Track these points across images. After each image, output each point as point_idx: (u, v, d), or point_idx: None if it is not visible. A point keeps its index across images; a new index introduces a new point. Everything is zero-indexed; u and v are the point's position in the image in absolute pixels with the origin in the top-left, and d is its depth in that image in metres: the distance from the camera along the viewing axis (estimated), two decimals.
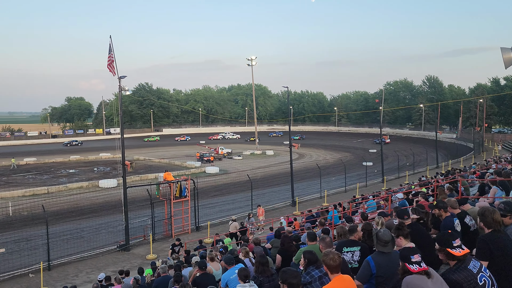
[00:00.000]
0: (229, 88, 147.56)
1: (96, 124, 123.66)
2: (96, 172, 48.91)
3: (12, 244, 21.22)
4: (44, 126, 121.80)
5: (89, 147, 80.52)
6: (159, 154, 64.07)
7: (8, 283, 16.26)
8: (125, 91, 20.21)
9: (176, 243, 16.99)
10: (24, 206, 30.48)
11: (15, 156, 62.40)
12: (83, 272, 17.19)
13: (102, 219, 26.24)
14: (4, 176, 45.54)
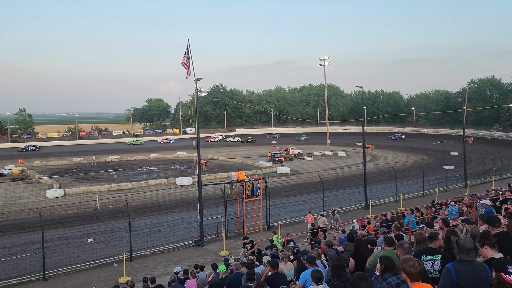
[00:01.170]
0: (301, 88, 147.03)
1: (173, 124, 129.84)
2: (173, 170, 51.30)
3: (99, 235, 23.01)
4: (127, 126, 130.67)
5: (167, 146, 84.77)
6: (232, 154, 65.63)
7: (95, 270, 17.66)
8: (201, 93, 20.96)
9: (246, 242, 17.22)
10: (109, 200, 32.94)
11: (103, 153, 67.68)
12: (161, 264, 18.13)
13: (179, 215, 27.47)
14: (93, 172, 49.50)
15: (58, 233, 23.17)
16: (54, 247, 20.47)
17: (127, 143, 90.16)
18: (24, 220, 26.93)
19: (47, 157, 64.22)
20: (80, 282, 16.18)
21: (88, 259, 18.56)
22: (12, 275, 16.84)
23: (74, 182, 42.61)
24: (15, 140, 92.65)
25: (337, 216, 21.53)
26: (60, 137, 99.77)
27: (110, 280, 16.19)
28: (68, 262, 18.28)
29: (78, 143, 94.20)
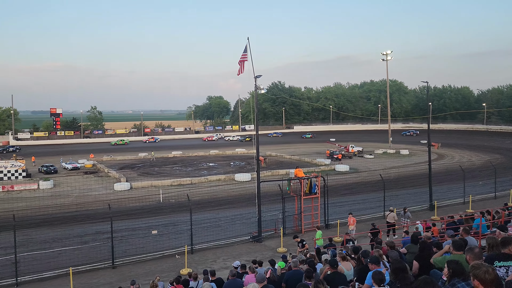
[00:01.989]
0: (361, 84, 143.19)
1: (233, 121, 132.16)
2: (232, 166, 52.20)
3: (162, 227, 24.00)
4: (189, 123, 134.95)
5: (226, 142, 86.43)
6: (290, 151, 65.50)
7: (159, 261, 18.46)
8: (260, 90, 21.10)
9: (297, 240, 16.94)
10: (171, 194, 34.22)
11: (166, 149, 70.48)
12: (220, 258, 18.54)
13: (237, 211, 27.91)
14: (156, 167, 51.71)
15: (125, 224, 24.45)
16: (121, 237, 21.64)
17: (111, 143, 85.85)
18: (95, 211, 28.76)
19: (115, 152, 68.06)
20: (145, 272, 16.98)
21: (152, 250, 19.43)
22: (84, 262, 18.06)
23: (139, 176, 44.76)
24: (87, 136, 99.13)
25: (408, 213, 20.93)
26: (127, 133, 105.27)
27: (172, 271, 16.83)
28: (134, 252, 19.29)
29: (142, 139, 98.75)
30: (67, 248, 20.36)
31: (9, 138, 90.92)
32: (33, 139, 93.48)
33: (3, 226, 23.18)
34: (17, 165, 42.86)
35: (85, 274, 17.02)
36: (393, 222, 20.12)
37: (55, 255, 19.20)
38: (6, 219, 24.32)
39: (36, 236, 22.79)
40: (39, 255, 18.97)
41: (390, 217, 20.41)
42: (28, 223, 24.26)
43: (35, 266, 17.51)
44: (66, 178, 42.82)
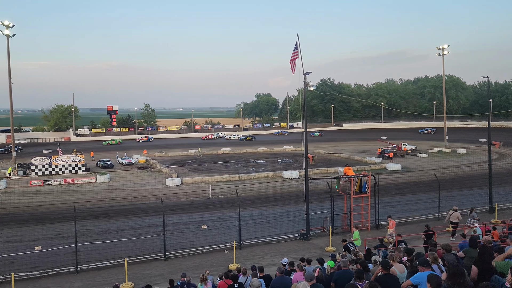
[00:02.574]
0: (415, 80, 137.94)
1: (281, 118, 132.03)
2: (280, 163, 52.18)
3: (211, 223, 24.47)
4: (237, 120, 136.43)
5: (273, 139, 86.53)
6: (339, 149, 64.44)
7: (208, 255, 18.84)
8: (309, 87, 20.88)
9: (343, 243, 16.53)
10: (220, 190, 34.77)
11: (215, 146, 71.75)
12: (268, 255, 18.61)
13: (285, 208, 27.88)
14: (206, 163, 52.78)
15: (176, 218, 25.21)
16: (172, 231, 22.31)
17: (103, 143, 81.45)
18: (147, 205, 29.85)
19: (167, 148, 70.21)
20: (194, 265, 17.40)
21: (202, 244, 19.87)
22: (138, 254, 18.80)
23: (189, 172, 45.91)
24: (140, 133, 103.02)
25: (473, 214, 20.01)
26: (178, 130, 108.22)
27: (221, 265, 17.12)
28: (184, 245, 19.81)
29: (193, 135, 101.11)
30: (122, 239, 21.31)
31: (70, 134, 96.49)
32: (91, 135, 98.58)
33: (65, 217, 24.65)
34: (77, 160, 45.37)
35: (139, 265, 17.71)
36: (457, 222, 19.25)
37: (111, 245, 20.15)
38: (67, 210, 25.86)
39: (94, 227, 24.04)
40: (97, 245, 19.96)
41: (453, 217, 19.67)
42: (87, 215, 25.64)
43: (93, 256, 18.48)
44: (121, 172, 44.79)
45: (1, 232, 23.46)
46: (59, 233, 22.76)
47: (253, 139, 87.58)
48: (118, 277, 15.97)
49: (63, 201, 30.00)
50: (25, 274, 16.56)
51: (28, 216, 27.13)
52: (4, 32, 46.17)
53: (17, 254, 19.29)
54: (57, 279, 16.50)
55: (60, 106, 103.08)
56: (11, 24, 46.36)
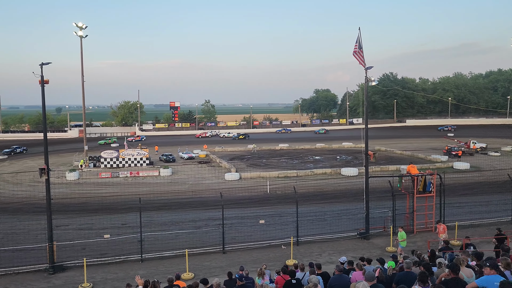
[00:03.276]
0: (487, 74, 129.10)
1: (340, 114, 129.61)
2: (339, 160, 51.27)
3: (268, 218, 24.61)
4: (295, 116, 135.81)
5: (333, 136, 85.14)
6: (401, 146, 62.04)
7: (265, 250, 18.98)
8: (371, 82, 20.25)
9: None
10: (278, 186, 34.88)
11: (273, 142, 72.01)
12: (326, 252, 18.38)
13: (343, 206, 27.36)
14: (264, 158, 53.15)
15: (234, 213, 25.65)
16: (231, 224, 22.73)
17: (99, 143, 76.56)
18: (207, 198, 30.65)
19: (226, 143, 71.59)
20: (252, 259, 17.62)
21: (259, 239, 20.06)
22: (198, 245, 19.38)
23: (248, 167, 46.48)
24: (201, 128, 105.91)
25: None
26: (237, 126, 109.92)
27: (278, 261, 17.18)
28: (242, 239, 20.12)
29: (252, 131, 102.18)
30: (183, 231, 22.07)
31: (136, 128, 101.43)
32: (155, 130, 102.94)
33: (131, 208, 25.97)
34: (142, 154, 47.61)
35: (198, 256, 18.25)
36: None
37: (173, 236, 20.95)
38: (133, 202, 27.22)
39: (157, 218, 25.14)
40: (160, 236, 20.85)
41: None
42: (150, 206, 26.84)
43: (156, 246, 19.33)
44: (183, 166, 46.36)
45: (74, 220, 25.25)
46: (125, 223, 24.04)
47: (247, 138, 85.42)
48: (179, 267, 16.57)
49: (129, 192, 31.62)
50: (95, 260, 17.70)
51: (98, 206, 28.93)
52: (78, 34, 49.39)
53: (88, 241, 20.66)
54: (124, 266, 17.46)
55: (126, 103, 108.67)
56: (84, 25, 49.47)
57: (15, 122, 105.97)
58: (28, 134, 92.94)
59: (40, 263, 17.34)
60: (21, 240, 21.32)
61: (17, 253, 19.02)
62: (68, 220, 24.99)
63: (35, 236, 21.47)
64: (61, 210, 26.04)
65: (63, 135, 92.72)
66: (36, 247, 19.22)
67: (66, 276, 16.54)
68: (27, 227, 23.42)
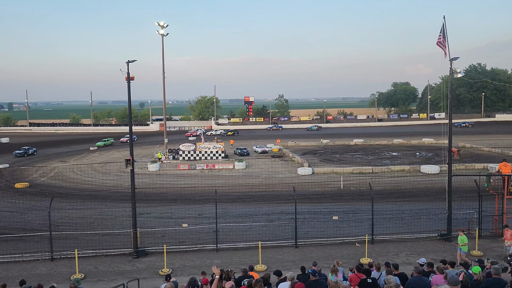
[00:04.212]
0: None
1: (420, 108, 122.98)
2: (418, 156, 48.73)
3: (342, 214, 24.18)
4: (371, 111, 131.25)
5: (412, 131, 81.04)
6: (490, 143, 57.36)
7: (338, 246, 18.66)
8: (456, 74, 18.87)
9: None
10: (352, 182, 34.07)
11: (347, 137, 70.45)
12: (403, 253, 17.61)
13: (423, 205, 25.98)
14: (338, 154, 52.17)
15: (306, 208, 25.54)
16: (303, 219, 22.68)
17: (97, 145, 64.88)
18: (280, 192, 30.84)
19: (299, 138, 71.37)
20: (325, 255, 17.42)
21: (332, 235, 19.75)
22: (270, 238, 19.60)
23: (321, 162, 45.95)
24: (274, 123, 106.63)
25: None
26: (310, 120, 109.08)
27: (352, 258, 16.81)
28: (314, 234, 19.97)
29: (325, 126, 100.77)
30: (256, 223, 22.44)
31: (212, 123, 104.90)
32: (230, 124, 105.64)
33: (207, 199, 27.00)
34: (217, 147, 49.13)
35: (271, 249, 18.45)
36: None
37: (246, 228, 21.38)
38: (209, 193, 28.27)
39: (231, 210, 25.83)
40: (234, 227, 21.41)
41: None
42: (225, 198, 27.68)
43: (231, 236, 19.89)
44: (256, 160, 47.07)
45: (155, 209, 26.81)
46: (202, 213, 25.03)
47: (236, 134, 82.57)
48: (252, 259, 16.89)
49: (205, 184, 32.85)
50: (174, 247, 18.65)
51: (176, 196, 30.43)
52: (160, 32, 52.11)
53: (167, 229, 21.83)
54: (200, 254, 18.21)
55: (203, 98, 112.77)
56: (165, 24, 52.05)
57: (103, 116, 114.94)
58: (115, 127, 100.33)
59: (125, 247, 18.67)
60: (108, 225, 23.15)
61: (105, 237, 20.66)
62: (150, 209, 26.60)
63: (121, 222, 23.18)
64: (144, 199, 27.80)
65: (145, 128, 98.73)
66: (122, 232, 20.73)
67: (148, 260, 17.65)
68: (114, 213, 25.35)
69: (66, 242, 19.40)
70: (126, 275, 15.81)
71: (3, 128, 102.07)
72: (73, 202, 28.24)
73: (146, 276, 15.73)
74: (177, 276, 14.54)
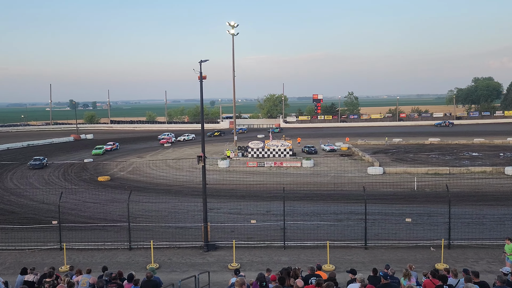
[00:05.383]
0: None
1: (505, 105, 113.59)
2: (502, 157, 45.04)
3: (416, 216, 23.06)
4: (449, 108, 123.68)
5: (495, 130, 75.07)
6: None
7: (412, 250, 17.82)
8: None
9: None
10: (427, 183, 32.37)
11: (421, 136, 67.11)
12: (484, 260, 16.42)
13: (507, 209, 24.02)
14: (411, 153, 49.84)
15: (377, 208, 24.72)
16: (373, 220, 21.98)
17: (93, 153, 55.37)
18: (349, 192, 30.19)
19: (369, 136, 69.25)
20: (397, 258, 16.75)
21: (405, 238, 18.92)
22: (338, 238, 19.24)
23: (392, 162, 44.21)
24: (343, 120, 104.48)
25: None
26: (381, 118, 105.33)
27: (426, 263, 15.99)
28: (385, 236, 19.26)
29: (398, 124, 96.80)
30: (324, 222, 22.15)
31: (280, 121, 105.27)
32: (298, 122, 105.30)
33: (275, 196, 27.18)
34: (285, 145, 49.21)
35: (340, 249, 18.12)
36: None
37: (314, 227, 21.21)
38: (276, 191, 28.44)
39: (299, 208, 25.76)
40: (302, 226, 21.33)
41: None
42: (293, 196, 27.68)
43: (298, 234, 19.84)
44: (324, 158, 46.45)
45: (224, 204, 27.53)
46: (269, 210, 25.26)
47: (222, 135, 78.00)
48: (320, 258, 16.72)
49: (273, 182, 33.05)
50: (242, 243, 19.03)
51: (245, 193, 30.98)
52: (230, 32, 53.30)
53: (236, 224, 22.33)
54: (268, 251, 18.39)
55: (272, 96, 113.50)
56: (235, 24, 53.13)
57: (177, 114, 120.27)
58: (187, 125, 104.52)
59: (196, 240, 19.41)
60: (181, 219, 24.19)
61: (178, 230, 21.62)
62: (220, 204, 27.37)
63: (192, 216, 24.14)
64: (214, 195, 28.68)
65: (216, 126, 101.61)
66: (193, 226, 21.59)
67: (218, 254, 18.19)
68: (186, 207, 26.45)
69: (142, 233, 20.63)
70: (197, 267, 16.44)
71: (88, 125, 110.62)
72: (149, 196, 29.92)
73: (216, 270, 16.23)
74: (245, 271, 14.81)
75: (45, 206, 28.08)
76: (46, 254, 18.63)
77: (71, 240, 19.49)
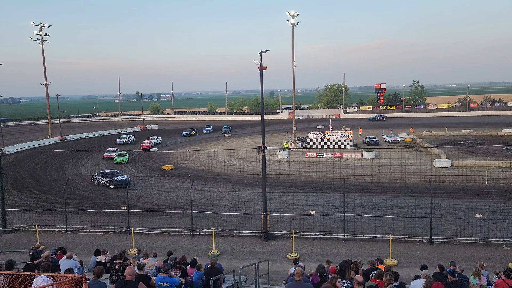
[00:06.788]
0: None
1: None
2: None
3: (487, 212, 21.68)
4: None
5: None
6: None
7: (482, 247, 16.83)
8: None
9: None
10: (500, 177, 30.25)
11: (495, 126, 62.70)
12: None
13: None
14: (483, 145, 46.74)
15: (444, 203, 23.56)
16: (440, 215, 20.98)
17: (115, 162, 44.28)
18: (413, 185, 29.02)
19: (436, 127, 65.83)
20: (465, 256, 15.91)
21: (474, 234, 17.89)
22: (402, 232, 18.60)
23: (461, 154, 41.77)
24: (407, 111, 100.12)
25: None
26: (449, 108, 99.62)
27: (498, 262, 15.02)
28: (453, 232, 18.31)
29: (467, 114, 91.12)
30: (386, 216, 21.48)
31: (340, 111, 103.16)
32: (359, 113, 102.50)
33: (334, 188, 26.83)
34: (346, 136, 48.22)
35: (402, 244, 17.53)
36: None
37: (376, 220, 20.65)
38: (336, 182, 28.04)
39: (360, 200, 25.20)
40: (362, 218, 20.85)
41: None
42: (353, 188, 27.11)
43: (359, 227, 19.44)
44: (387, 150, 44.91)
45: (284, 194, 27.61)
46: (329, 202, 24.97)
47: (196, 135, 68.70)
48: (382, 252, 16.31)
49: (333, 173, 32.57)
50: (302, 233, 19.03)
51: (304, 184, 30.86)
52: (290, 22, 52.91)
53: (295, 215, 22.35)
54: (327, 242, 18.23)
55: (332, 86, 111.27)
56: (296, 13, 52.63)
57: (237, 105, 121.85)
58: (247, 116, 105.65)
59: (256, 229, 19.71)
60: (241, 208, 24.64)
61: (238, 219, 22.07)
62: (279, 194, 27.50)
63: (252, 205, 24.48)
64: (273, 185, 28.85)
65: (275, 116, 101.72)
66: (253, 215, 21.92)
67: (277, 244, 18.34)
68: (246, 197, 26.88)
69: (204, 221, 21.33)
70: (257, 256, 16.71)
71: (153, 116, 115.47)
72: (210, 185, 30.76)
73: (275, 259, 16.39)
74: (304, 261, 14.80)
75: (115, 192, 29.91)
76: (116, 237, 19.89)
77: (138, 225, 20.63)
